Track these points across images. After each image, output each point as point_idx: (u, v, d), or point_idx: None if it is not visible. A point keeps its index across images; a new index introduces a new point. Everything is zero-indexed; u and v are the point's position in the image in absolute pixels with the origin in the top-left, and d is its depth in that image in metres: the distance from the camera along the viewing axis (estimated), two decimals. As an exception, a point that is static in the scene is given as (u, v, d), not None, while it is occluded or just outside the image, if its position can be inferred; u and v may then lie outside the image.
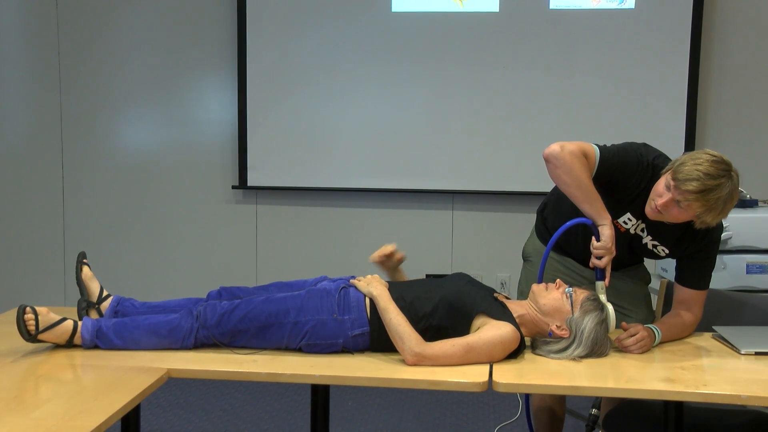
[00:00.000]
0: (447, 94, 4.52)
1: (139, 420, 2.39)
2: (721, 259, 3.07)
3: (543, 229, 2.68)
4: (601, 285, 2.33)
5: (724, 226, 3.03)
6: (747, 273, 3.12)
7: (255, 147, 4.70)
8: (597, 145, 2.41)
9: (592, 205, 2.33)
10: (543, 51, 4.43)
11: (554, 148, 2.34)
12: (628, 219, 2.43)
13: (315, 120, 4.64)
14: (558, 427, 2.83)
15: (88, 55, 4.82)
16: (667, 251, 2.46)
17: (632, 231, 2.45)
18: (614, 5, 4.37)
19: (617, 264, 2.43)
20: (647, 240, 2.46)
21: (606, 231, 2.31)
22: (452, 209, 4.67)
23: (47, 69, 4.86)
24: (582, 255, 2.52)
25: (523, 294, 2.64)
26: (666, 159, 2.39)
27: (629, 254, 2.51)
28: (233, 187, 4.78)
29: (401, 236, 4.70)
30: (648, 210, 2.32)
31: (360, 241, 4.73)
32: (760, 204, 3.34)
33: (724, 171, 2.18)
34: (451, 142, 4.55)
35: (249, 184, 4.73)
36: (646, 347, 2.26)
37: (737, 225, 3.04)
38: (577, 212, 2.38)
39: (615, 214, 2.40)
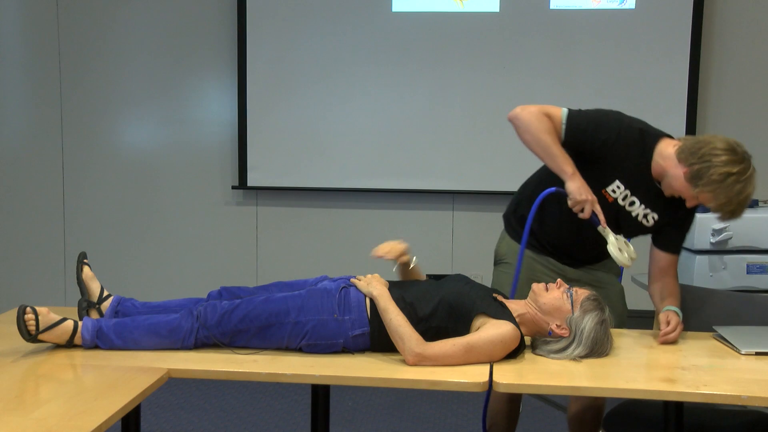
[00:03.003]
0: (447, 94, 4.52)
1: (139, 420, 2.39)
2: (721, 259, 3.07)
3: (519, 229, 2.61)
4: (601, 228, 2.36)
5: (725, 226, 3.04)
6: (747, 273, 3.12)
7: (255, 147, 4.70)
8: (573, 109, 2.42)
9: (553, 160, 2.36)
10: (543, 51, 4.43)
11: (515, 110, 2.42)
12: (617, 187, 2.41)
13: (315, 120, 4.64)
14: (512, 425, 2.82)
15: (89, 55, 4.83)
16: (656, 217, 2.45)
17: (620, 201, 2.43)
18: (614, 5, 4.37)
19: (593, 255, 2.45)
20: (639, 210, 2.44)
21: (571, 186, 2.33)
22: (452, 209, 4.67)
23: (47, 69, 4.86)
24: (564, 240, 2.53)
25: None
26: (647, 125, 2.42)
27: (613, 226, 2.47)
28: (233, 188, 4.78)
29: (401, 236, 4.67)
30: (666, 192, 2.36)
31: (360, 241, 4.73)
32: (760, 204, 3.33)
33: (749, 168, 2.21)
34: (451, 142, 4.55)
35: (249, 184, 4.73)
36: (679, 329, 2.34)
37: (737, 225, 3.04)
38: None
39: (603, 183, 2.40)
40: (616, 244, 2.35)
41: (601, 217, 2.36)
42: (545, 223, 2.54)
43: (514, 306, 2.25)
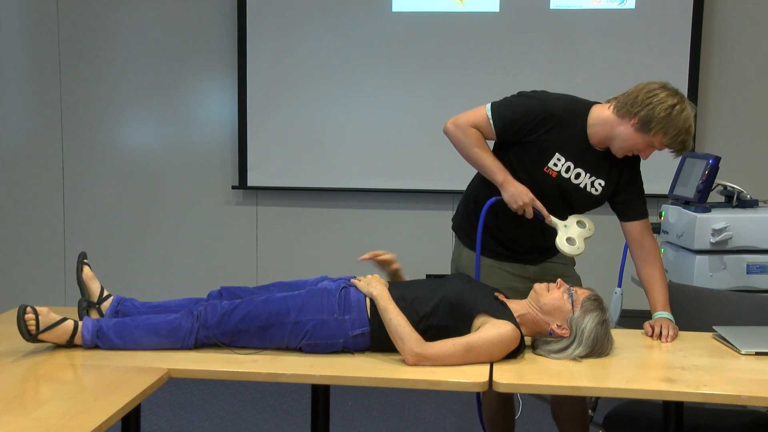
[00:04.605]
0: (447, 94, 4.52)
1: (139, 420, 2.39)
2: (721, 259, 3.07)
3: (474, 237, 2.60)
4: (548, 222, 2.41)
5: (725, 226, 3.04)
6: (747, 273, 3.11)
7: (255, 147, 4.70)
8: (496, 102, 2.48)
9: (484, 171, 2.45)
10: (543, 51, 4.43)
11: (446, 125, 2.53)
12: (558, 160, 2.43)
13: (315, 120, 4.64)
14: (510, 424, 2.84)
15: (89, 55, 4.83)
16: (602, 183, 2.46)
17: (564, 174, 2.44)
18: (614, 5, 4.37)
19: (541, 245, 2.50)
20: (586, 180, 2.45)
21: (505, 195, 2.40)
22: (452, 209, 4.65)
23: (47, 69, 4.86)
24: (526, 235, 2.55)
25: None
26: (575, 97, 2.52)
27: (563, 205, 2.49)
28: (233, 188, 4.78)
29: (401, 236, 4.70)
30: (619, 154, 2.39)
31: (360, 241, 4.73)
32: (760, 204, 3.33)
33: (684, 97, 2.30)
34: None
35: (249, 184, 4.73)
36: (675, 329, 2.36)
37: (737, 225, 3.04)
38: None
39: (544, 161, 2.42)
40: (564, 236, 2.42)
41: (544, 212, 2.41)
42: (500, 226, 2.55)
43: (515, 306, 2.25)
